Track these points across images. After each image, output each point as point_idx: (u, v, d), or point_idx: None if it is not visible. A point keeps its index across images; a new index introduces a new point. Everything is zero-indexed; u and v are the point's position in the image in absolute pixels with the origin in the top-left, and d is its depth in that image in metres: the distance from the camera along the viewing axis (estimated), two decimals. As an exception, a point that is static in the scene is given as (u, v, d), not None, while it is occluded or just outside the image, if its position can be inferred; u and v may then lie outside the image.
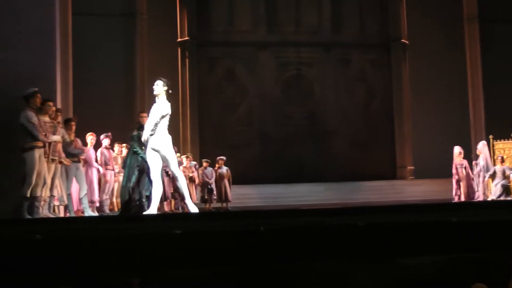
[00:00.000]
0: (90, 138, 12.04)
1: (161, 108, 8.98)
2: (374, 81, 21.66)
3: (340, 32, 21.57)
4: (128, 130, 14.42)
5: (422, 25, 21.23)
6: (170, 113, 9.03)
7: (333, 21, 21.51)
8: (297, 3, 21.24)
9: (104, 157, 12.47)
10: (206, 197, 14.86)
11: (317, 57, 21.43)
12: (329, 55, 21.48)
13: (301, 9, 21.26)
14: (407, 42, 21.49)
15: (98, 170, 12.21)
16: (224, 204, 15.07)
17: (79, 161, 10.76)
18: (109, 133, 12.79)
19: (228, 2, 20.77)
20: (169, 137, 8.98)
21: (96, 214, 11.52)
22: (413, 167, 21.01)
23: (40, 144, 8.97)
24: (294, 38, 21.16)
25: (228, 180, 15.17)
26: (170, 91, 9.19)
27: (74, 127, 10.83)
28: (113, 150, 13.26)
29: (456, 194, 15.39)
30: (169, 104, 9.00)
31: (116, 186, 12.99)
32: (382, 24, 21.80)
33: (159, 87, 9.20)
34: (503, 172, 15.17)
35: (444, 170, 16.63)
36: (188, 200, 9.31)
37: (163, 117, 8.94)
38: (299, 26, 21.25)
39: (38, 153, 8.92)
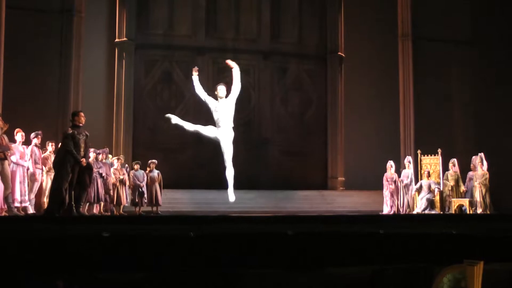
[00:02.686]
0: (19, 135, 11.76)
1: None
2: (310, 91, 21.91)
3: (279, 41, 21.76)
4: (60, 129, 14.20)
5: (359, 39, 21.66)
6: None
7: (272, 29, 21.69)
8: (237, 10, 21.32)
9: (34, 156, 12.21)
10: (136, 200, 14.73)
11: (255, 64, 21.53)
12: (266, 63, 21.62)
13: (241, 16, 21.35)
14: (343, 55, 21.87)
15: (28, 169, 11.94)
16: (155, 208, 14.98)
17: (5, 158, 10.49)
18: (40, 131, 12.54)
19: (168, 6, 20.65)
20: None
21: (21, 214, 11.26)
22: (343, 178, 21.35)
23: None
24: (233, 45, 21.21)
25: (159, 184, 15.10)
26: None
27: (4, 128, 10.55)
28: (44, 149, 13.00)
29: (387, 206, 15.77)
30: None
31: (45, 185, 12.72)
32: (320, 35, 22.09)
33: None
34: (429, 186, 15.63)
35: (373, 182, 17.02)
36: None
37: None
38: (238, 33, 21.33)
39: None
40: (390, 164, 16.00)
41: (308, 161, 21.38)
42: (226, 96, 12.08)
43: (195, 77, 11.91)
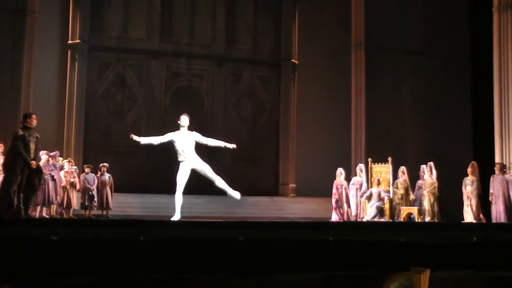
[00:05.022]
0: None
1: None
2: (263, 98, 21.99)
3: (233, 47, 21.80)
4: (10, 130, 13.92)
5: (313, 47, 21.86)
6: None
7: (227, 35, 21.72)
8: (192, 15, 21.28)
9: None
10: (86, 203, 14.56)
11: (209, 70, 21.52)
12: (220, 69, 21.63)
13: (196, 21, 21.31)
14: (297, 62, 22.03)
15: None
16: (105, 212, 14.84)
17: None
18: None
19: (123, 9, 20.48)
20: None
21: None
22: (295, 185, 21.47)
23: None
24: (187, 50, 21.16)
25: (110, 188, 14.97)
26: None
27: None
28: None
29: (336, 214, 15.92)
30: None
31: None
32: (274, 42, 22.21)
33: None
34: (379, 194, 15.83)
35: (324, 190, 17.15)
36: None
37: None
38: (193, 38, 21.29)
39: None
40: (340, 171, 16.16)
41: (260, 168, 21.44)
42: (189, 129, 12.13)
43: (142, 139, 12.10)
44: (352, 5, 21.71)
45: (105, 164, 15.20)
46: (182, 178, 11.67)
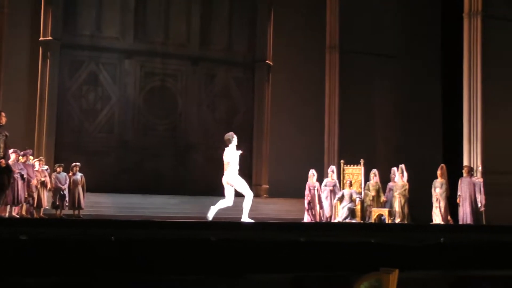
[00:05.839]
0: None
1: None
2: (237, 99, 22.02)
3: (208, 48, 21.79)
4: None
5: (288, 49, 21.96)
6: None
7: (201, 36, 21.69)
8: (167, 15, 21.22)
9: None
10: (57, 203, 14.47)
11: (183, 70, 21.48)
12: (195, 69, 21.60)
13: (171, 21, 21.26)
14: (271, 63, 22.10)
15: None
16: (76, 212, 14.76)
17: None
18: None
19: (96, 6, 20.35)
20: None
21: None
22: (268, 186, 21.53)
23: None
24: (162, 49, 21.11)
25: (82, 187, 14.89)
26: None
27: None
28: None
29: (308, 215, 16.00)
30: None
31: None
32: (249, 43, 22.26)
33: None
34: (351, 196, 15.95)
35: (297, 191, 17.24)
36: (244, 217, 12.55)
37: None
38: (167, 37, 21.23)
39: None
40: (312, 172, 16.23)
41: (234, 168, 21.44)
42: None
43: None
44: (327, 8, 21.87)
45: (77, 163, 15.12)
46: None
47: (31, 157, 14.57)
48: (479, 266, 8.48)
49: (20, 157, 13.44)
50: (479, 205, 14.77)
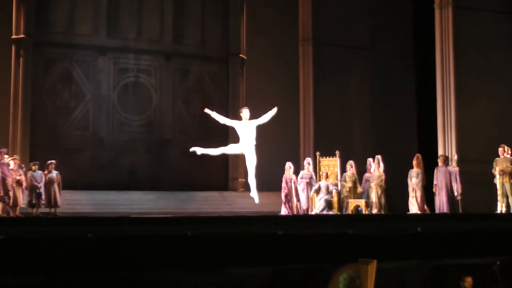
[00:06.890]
0: None
1: None
2: (211, 93, 21.97)
3: (181, 43, 21.70)
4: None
5: (261, 42, 21.94)
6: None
7: (174, 31, 21.61)
8: (140, 11, 21.09)
9: None
10: (34, 201, 14.36)
11: (157, 65, 21.39)
12: (168, 64, 21.51)
13: (144, 17, 21.13)
14: (245, 57, 22.08)
15: None
16: (53, 209, 14.66)
17: None
18: None
19: (69, 4, 20.15)
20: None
21: None
22: (244, 180, 21.53)
23: None
24: (135, 45, 20.98)
25: (58, 185, 14.80)
26: None
27: None
28: None
29: (285, 208, 16.02)
30: None
31: None
32: (222, 38, 22.21)
33: None
34: (327, 188, 16.02)
35: (273, 184, 17.26)
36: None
37: None
38: (140, 33, 21.11)
39: None
40: (289, 165, 16.23)
41: (209, 163, 21.36)
42: (250, 119, 13.57)
43: (213, 114, 13.43)
44: (299, 1, 21.92)
45: (52, 161, 15.02)
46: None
47: (6, 156, 14.43)
48: (456, 255, 8.59)
49: (-4, 156, 13.33)
50: (456, 193, 14.94)
